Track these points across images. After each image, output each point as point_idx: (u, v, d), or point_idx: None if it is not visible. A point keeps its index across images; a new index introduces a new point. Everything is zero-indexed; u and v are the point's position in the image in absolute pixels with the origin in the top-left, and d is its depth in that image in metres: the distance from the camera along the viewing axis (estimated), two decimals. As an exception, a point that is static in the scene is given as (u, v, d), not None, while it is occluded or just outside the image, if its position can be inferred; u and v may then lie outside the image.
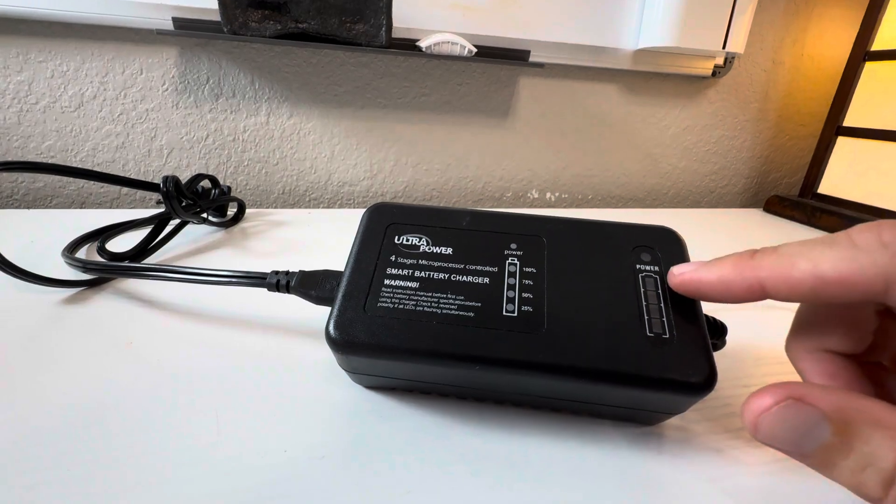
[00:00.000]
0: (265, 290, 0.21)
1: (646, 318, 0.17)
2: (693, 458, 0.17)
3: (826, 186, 0.51)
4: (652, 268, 0.18)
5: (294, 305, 0.22)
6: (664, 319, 0.17)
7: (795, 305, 0.16)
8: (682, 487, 0.16)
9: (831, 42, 0.56)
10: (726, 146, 0.59)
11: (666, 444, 0.18)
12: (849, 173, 0.50)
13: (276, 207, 0.49)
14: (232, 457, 0.16)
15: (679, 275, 0.16)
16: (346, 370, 0.19)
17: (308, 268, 0.21)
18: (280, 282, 0.21)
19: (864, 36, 0.48)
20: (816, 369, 0.15)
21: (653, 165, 0.57)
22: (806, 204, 0.50)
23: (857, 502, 0.15)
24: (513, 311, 0.17)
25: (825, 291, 0.12)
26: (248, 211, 0.41)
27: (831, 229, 0.47)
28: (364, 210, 0.20)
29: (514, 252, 0.19)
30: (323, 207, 0.50)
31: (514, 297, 0.17)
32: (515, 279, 0.18)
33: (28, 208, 0.43)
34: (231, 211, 0.39)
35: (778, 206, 0.53)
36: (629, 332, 0.16)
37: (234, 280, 0.22)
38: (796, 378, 0.22)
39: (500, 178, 0.54)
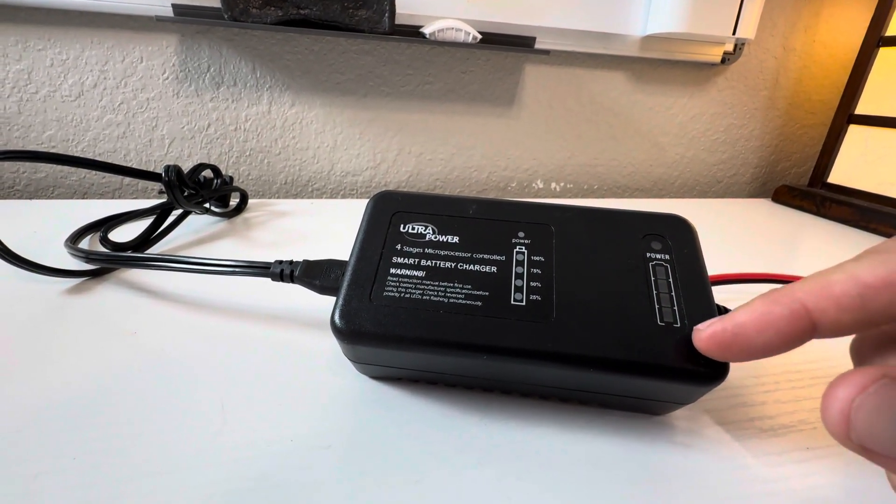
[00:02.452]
0: (269, 279, 0.21)
1: (657, 306, 0.16)
2: (704, 448, 0.17)
3: (836, 176, 0.51)
4: (662, 256, 0.18)
5: (298, 295, 0.22)
6: (675, 308, 0.16)
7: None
8: (693, 477, 0.16)
9: (844, 27, 0.55)
10: (735, 135, 0.58)
11: (676, 435, 0.17)
12: (860, 162, 0.49)
13: (278, 198, 0.48)
14: (237, 445, 0.16)
15: (707, 330, 0.14)
16: (351, 360, 0.18)
17: (312, 258, 0.21)
18: (284, 271, 0.21)
19: (879, 21, 0.46)
20: None
21: (659, 155, 0.56)
22: (815, 194, 0.49)
23: (871, 491, 0.15)
24: (521, 299, 0.16)
25: (875, 299, 0.11)
26: (250, 201, 0.41)
27: (842, 220, 0.46)
28: (368, 198, 0.20)
29: (522, 240, 0.18)
30: (326, 198, 0.50)
31: (523, 285, 0.17)
32: (523, 268, 0.17)
33: (30, 199, 0.42)
34: (233, 201, 0.39)
35: (787, 195, 0.52)
36: (640, 320, 0.16)
37: (237, 270, 0.21)
38: (817, 372, 0.21)
39: (505, 168, 0.53)
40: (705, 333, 0.14)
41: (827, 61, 0.57)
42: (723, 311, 0.19)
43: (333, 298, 0.18)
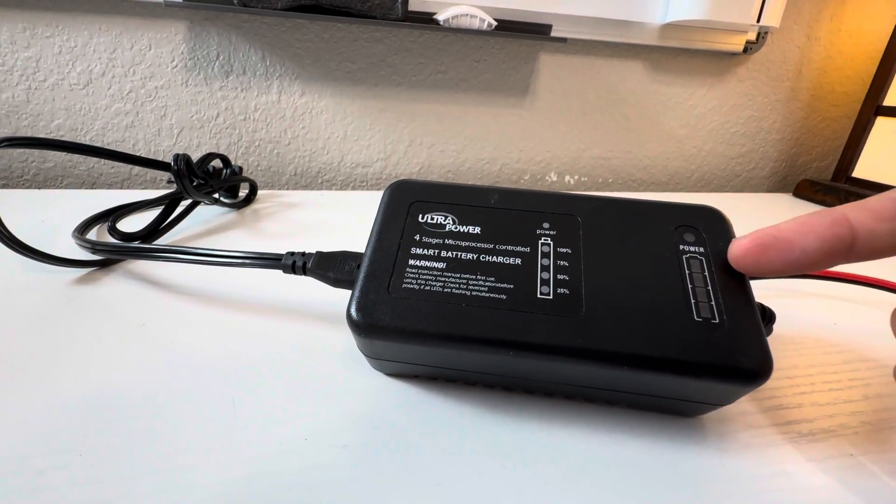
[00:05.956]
0: (280, 272, 0.20)
1: (692, 301, 0.15)
2: (740, 452, 0.16)
3: (862, 170, 0.49)
4: (696, 249, 0.17)
5: (310, 288, 0.21)
6: (712, 303, 0.15)
7: (839, 294, 0.15)
8: (731, 484, 0.15)
9: (872, 16, 0.53)
10: (755, 127, 0.56)
11: (709, 438, 0.16)
12: (888, 155, 0.47)
13: (288, 189, 0.48)
14: (249, 443, 0.15)
15: (741, 241, 0.15)
16: (367, 355, 0.18)
17: (324, 250, 0.20)
18: (296, 263, 0.20)
19: (911, 7, 0.44)
20: None
21: (677, 147, 0.55)
22: (839, 188, 0.48)
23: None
24: (548, 293, 0.16)
25: None
26: (259, 192, 0.40)
27: (867, 214, 0.45)
28: (385, 188, 0.19)
29: (548, 232, 0.17)
30: (336, 189, 0.49)
31: (549, 278, 0.16)
32: (549, 260, 0.17)
33: (38, 188, 0.42)
34: (242, 192, 0.38)
35: (809, 190, 0.51)
36: (676, 316, 0.15)
37: (248, 261, 0.21)
38: (855, 374, 0.20)
39: (518, 160, 0.52)
40: (746, 238, 0.15)
41: (852, 51, 0.55)
42: (760, 307, 0.18)
43: (347, 292, 0.17)
